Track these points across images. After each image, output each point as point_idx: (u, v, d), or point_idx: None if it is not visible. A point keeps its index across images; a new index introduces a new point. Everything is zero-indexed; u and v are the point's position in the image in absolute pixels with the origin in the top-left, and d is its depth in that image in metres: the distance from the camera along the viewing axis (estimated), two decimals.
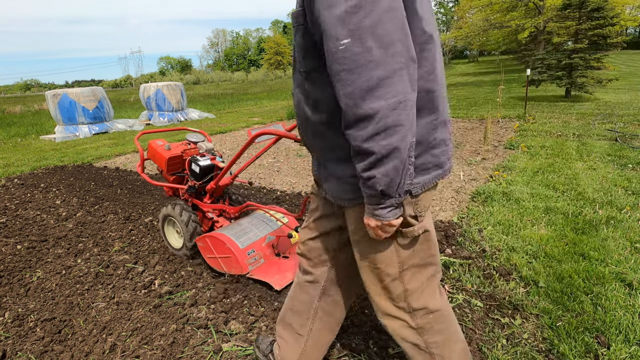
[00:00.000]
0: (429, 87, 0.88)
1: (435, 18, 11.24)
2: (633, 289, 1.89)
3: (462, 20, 27.48)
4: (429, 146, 0.92)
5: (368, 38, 0.72)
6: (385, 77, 0.74)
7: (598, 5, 9.45)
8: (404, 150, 0.78)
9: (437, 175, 0.96)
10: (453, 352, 1.14)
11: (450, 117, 1.01)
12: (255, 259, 2.13)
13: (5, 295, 2.17)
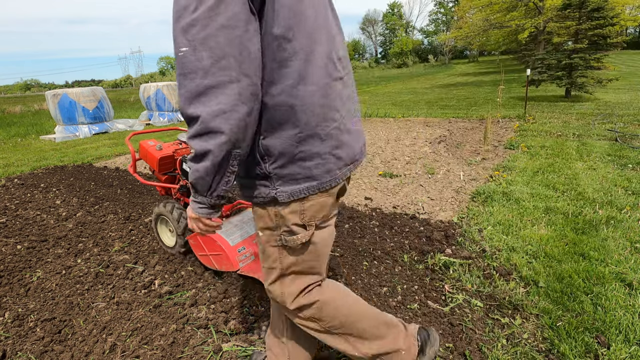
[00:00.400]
0: (291, 102, 0.94)
1: (435, 18, 11.07)
2: (633, 289, 1.89)
3: (462, 20, 27.48)
4: (296, 158, 0.98)
5: (201, 49, 0.81)
6: (211, 86, 0.82)
7: (598, 5, 9.45)
8: (218, 155, 0.86)
9: (311, 187, 1.00)
10: (365, 329, 1.19)
11: (346, 130, 1.05)
12: (245, 256, 2.16)
13: (5, 295, 2.17)
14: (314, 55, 0.95)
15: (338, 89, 1.02)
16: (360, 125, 1.16)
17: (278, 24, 0.89)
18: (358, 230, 2.78)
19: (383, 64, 62.64)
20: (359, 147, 1.13)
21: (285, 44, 0.91)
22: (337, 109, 1.02)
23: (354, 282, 2.11)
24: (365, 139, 1.20)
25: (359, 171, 4.44)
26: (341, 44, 1.08)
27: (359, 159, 1.13)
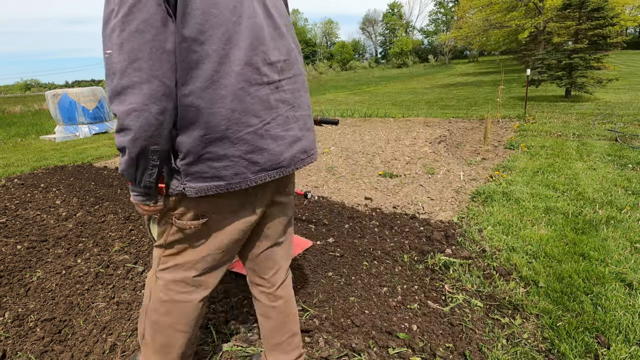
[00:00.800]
0: (198, 104, 0.97)
1: (435, 18, 11.09)
2: (633, 289, 1.89)
3: (462, 20, 27.47)
4: (203, 158, 1.01)
5: (120, 51, 0.88)
6: (127, 86, 0.89)
7: (598, 5, 9.45)
8: (132, 151, 0.93)
9: (219, 187, 1.04)
10: (158, 339, 1.26)
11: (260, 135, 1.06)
12: None
13: (5, 295, 2.17)
14: (229, 59, 0.98)
15: (261, 94, 1.04)
16: (304, 132, 1.18)
17: (189, 27, 0.93)
18: (358, 230, 2.78)
19: (383, 64, 62.64)
20: (291, 154, 1.14)
21: (195, 46, 0.94)
22: (256, 114, 1.04)
23: (354, 282, 2.11)
24: (309, 145, 1.21)
25: (359, 171, 4.44)
26: (283, 48, 1.10)
27: (288, 166, 1.14)
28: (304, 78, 1.23)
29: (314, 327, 1.74)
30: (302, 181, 4.20)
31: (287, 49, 1.13)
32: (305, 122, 1.20)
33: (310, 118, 1.24)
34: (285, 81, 1.11)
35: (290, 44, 1.15)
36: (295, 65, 1.16)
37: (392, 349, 1.60)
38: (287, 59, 1.12)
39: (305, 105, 1.21)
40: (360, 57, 76.51)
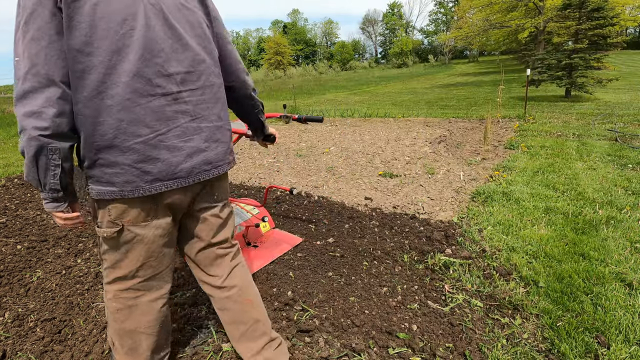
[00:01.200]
0: (86, 112, 1.02)
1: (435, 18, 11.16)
2: (633, 289, 1.89)
3: (462, 20, 27.48)
4: (97, 163, 1.08)
5: (23, 58, 0.96)
6: (27, 90, 0.95)
7: (598, 5, 9.45)
8: (29, 150, 0.98)
9: (113, 192, 1.09)
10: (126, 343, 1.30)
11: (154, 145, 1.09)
12: None
13: (5, 295, 2.17)
14: (117, 71, 1.01)
15: (154, 106, 1.07)
16: (210, 143, 1.20)
17: (75, 38, 0.97)
18: (358, 230, 2.78)
19: (383, 64, 62.64)
20: (191, 165, 1.16)
21: (81, 57, 0.99)
22: (147, 124, 1.07)
23: (354, 282, 2.11)
24: (215, 157, 1.23)
25: (359, 171, 4.44)
26: (185, 60, 1.13)
27: (187, 176, 1.16)
28: (216, 89, 1.24)
29: (314, 327, 1.74)
30: (302, 181, 4.20)
31: (192, 61, 1.15)
32: (213, 134, 1.21)
33: (220, 130, 1.24)
34: (187, 93, 1.14)
35: (199, 55, 1.17)
36: (203, 77, 1.18)
37: (392, 349, 1.60)
38: (190, 70, 1.14)
39: (213, 117, 1.22)
40: (360, 57, 76.52)
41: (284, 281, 2.13)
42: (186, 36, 1.14)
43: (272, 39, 61.95)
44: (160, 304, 1.31)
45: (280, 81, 37.66)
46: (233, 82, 1.37)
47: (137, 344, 1.31)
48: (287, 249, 2.45)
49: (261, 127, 1.62)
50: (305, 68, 54.46)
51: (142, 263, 1.23)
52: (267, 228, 2.54)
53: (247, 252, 2.38)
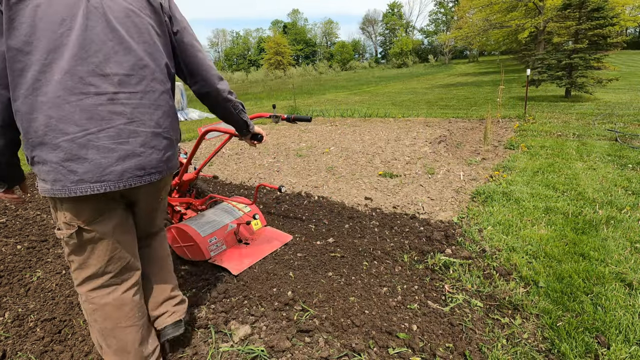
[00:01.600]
0: (22, 109, 1.07)
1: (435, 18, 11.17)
2: (633, 289, 1.89)
3: (462, 20, 27.47)
4: (34, 161, 1.12)
5: None
6: None
7: (598, 5, 9.45)
8: None
9: (47, 190, 1.12)
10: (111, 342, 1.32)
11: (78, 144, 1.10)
12: (217, 246, 2.32)
13: (5, 295, 2.17)
14: (51, 69, 1.04)
15: (86, 104, 1.08)
16: (146, 149, 1.19)
17: (15, 38, 1.02)
18: (358, 230, 2.78)
19: (383, 64, 62.64)
20: (122, 169, 1.14)
21: (20, 56, 1.03)
22: (76, 122, 1.07)
23: (354, 282, 2.11)
24: (150, 163, 1.21)
25: (359, 171, 4.44)
26: (126, 63, 1.15)
27: (117, 180, 1.14)
28: (158, 96, 1.24)
29: (314, 327, 1.74)
30: (302, 181, 4.20)
31: (134, 65, 1.16)
32: (150, 140, 1.20)
33: (157, 137, 1.23)
34: (124, 95, 1.14)
35: (142, 60, 1.18)
36: (144, 82, 1.19)
37: (392, 349, 1.60)
38: (130, 73, 1.15)
39: (152, 123, 1.21)
40: (360, 57, 76.52)
41: (284, 281, 2.13)
42: (130, 40, 1.16)
43: (272, 39, 61.95)
44: (133, 292, 1.34)
45: (280, 81, 37.67)
46: (207, 88, 1.43)
47: (123, 343, 1.32)
48: (277, 247, 2.49)
49: (245, 127, 1.67)
50: (305, 68, 54.45)
51: (110, 257, 1.26)
52: (258, 226, 2.63)
53: (239, 249, 2.43)
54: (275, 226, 2.94)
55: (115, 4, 1.15)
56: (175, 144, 1.36)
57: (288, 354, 1.59)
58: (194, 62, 1.37)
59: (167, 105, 1.29)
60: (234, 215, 2.51)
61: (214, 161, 5.52)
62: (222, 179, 4.51)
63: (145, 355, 1.38)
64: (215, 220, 2.42)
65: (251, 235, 2.57)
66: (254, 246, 2.47)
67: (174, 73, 1.36)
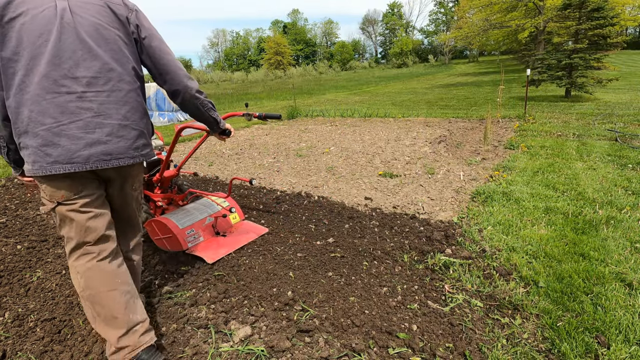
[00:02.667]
0: (12, 105, 1.33)
1: (435, 18, 11.26)
2: (633, 289, 1.89)
3: (462, 20, 27.47)
4: (21, 146, 1.38)
5: None
6: None
7: (598, 5, 9.45)
8: None
9: (29, 170, 1.37)
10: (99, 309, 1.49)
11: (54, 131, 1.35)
12: (194, 237, 2.47)
13: (5, 295, 2.17)
14: (32, 73, 1.31)
15: (59, 101, 1.34)
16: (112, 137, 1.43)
17: (7, 50, 1.30)
18: (358, 230, 2.78)
19: (383, 64, 62.63)
20: (88, 153, 1.39)
21: (12, 63, 1.31)
22: (51, 115, 1.33)
23: (354, 282, 2.11)
24: (116, 150, 1.44)
25: (359, 171, 4.44)
26: (93, 67, 1.39)
27: (84, 162, 1.38)
28: (125, 94, 1.47)
29: (314, 327, 1.74)
30: (302, 181, 4.20)
31: (100, 69, 1.41)
32: (117, 131, 1.44)
33: (125, 128, 1.47)
34: (92, 93, 1.39)
35: (108, 64, 1.43)
36: (111, 82, 1.43)
37: (392, 349, 1.60)
38: (97, 76, 1.40)
39: (119, 116, 1.45)
40: (360, 57, 76.49)
41: (284, 281, 2.13)
42: (98, 49, 1.40)
43: (272, 39, 61.93)
44: (109, 260, 1.54)
45: (280, 81, 37.66)
46: (176, 87, 1.61)
47: (109, 308, 1.48)
48: (252, 238, 2.65)
49: (215, 124, 1.84)
50: (305, 68, 54.43)
51: (86, 228, 1.48)
52: (236, 220, 2.77)
53: (216, 240, 2.56)
54: (275, 226, 2.94)
55: (84, 20, 1.39)
56: (146, 135, 1.58)
57: (288, 354, 1.59)
58: (162, 63, 1.57)
59: (135, 101, 1.52)
60: (212, 209, 2.66)
61: (214, 161, 5.53)
62: (222, 179, 4.51)
63: (133, 321, 1.51)
64: (194, 214, 2.57)
65: (229, 228, 2.70)
66: (230, 238, 2.61)
67: (142, 75, 1.59)
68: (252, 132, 8.10)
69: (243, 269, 2.29)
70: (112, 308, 1.48)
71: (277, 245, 2.61)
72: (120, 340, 1.47)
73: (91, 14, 1.41)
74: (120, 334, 1.47)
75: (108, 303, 1.48)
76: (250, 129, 8.70)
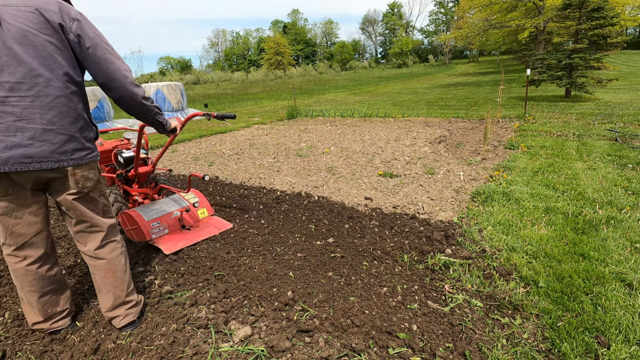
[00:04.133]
0: None
1: (435, 18, 11.28)
2: (633, 289, 1.89)
3: (462, 20, 27.47)
4: None
5: None
6: None
7: (598, 5, 9.45)
8: None
9: None
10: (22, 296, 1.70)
11: None
12: (159, 230, 2.65)
13: (5, 295, 2.17)
14: None
15: None
16: (34, 141, 1.46)
17: None
18: (358, 230, 2.78)
19: (383, 64, 62.63)
20: (7, 156, 1.42)
21: None
22: None
23: (354, 282, 2.11)
24: (38, 153, 1.47)
25: (359, 171, 4.44)
26: (17, 73, 1.42)
27: (1, 164, 1.42)
28: (52, 99, 1.49)
29: (314, 327, 1.74)
30: (302, 181, 4.20)
31: (25, 74, 1.43)
32: (40, 135, 1.47)
33: (50, 133, 1.49)
34: (15, 98, 1.42)
35: (35, 70, 1.45)
36: (36, 88, 1.45)
37: (392, 349, 1.60)
38: (21, 81, 1.43)
39: (43, 121, 1.47)
40: (360, 57, 76.50)
41: (284, 281, 2.13)
42: (24, 55, 1.42)
43: (272, 39, 61.91)
44: (37, 267, 1.64)
45: (280, 81, 37.64)
46: (121, 94, 1.67)
47: (30, 299, 1.69)
48: (214, 233, 2.81)
49: (161, 127, 1.96)
50: (305, 68, 54.42)
51: (10, 232, 1.56)
52: (205, 214, 2.97)
53: (179, 233, 2.74)
54: (275, 226, 2.94)
55: (12, 26, 1.41)
56: (80, 140, 1.59)
57: (288, 354, 1.59)
58: (107, 72, 1.61)
59: (66, 107, 1.53)
60: (180, 204, 2.86)
61: (214, 161, 5.53)
62: (222, 179, 4.51)
63: (49, 313, 1.72)
64: (162, 208, 2.75)
65: (195, 222, 2.89)
66: (193, 232, 2.78)
67: (80, 80, 1.62)
68: (252, 132, 8.10)
69: (243, 269, 2.29)
70: (33, 303, 1.69)
71: (277, 245, 2.61)
72: (35, 325, 1.74)
73: (20, 21, 1.43)
74: (36, 320, 1.72)
75: (30, 299, 1.68)
76: (251, 129, 8.70)
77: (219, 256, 2.47)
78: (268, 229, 2.90)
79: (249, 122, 9.87)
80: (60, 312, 1.76)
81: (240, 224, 3.03)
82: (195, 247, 2.62)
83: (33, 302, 1.69)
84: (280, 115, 10.58)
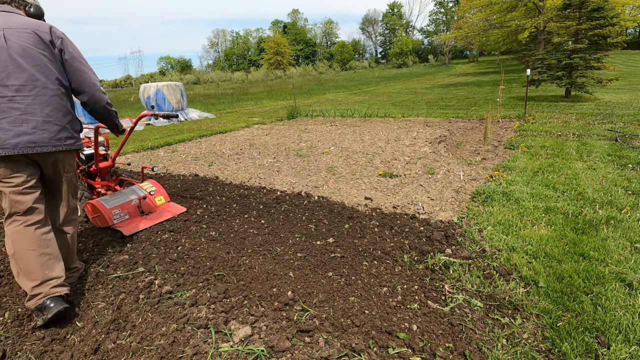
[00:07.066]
0: None
1: (435, 18, 11.30)
2: (633, 289, 1.89)
3: (462, 20, 27.47)
4: None
5: None
6: None
7: (598, 5, 9.45)
8: None
9: None
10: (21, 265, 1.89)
11: None
12: (120, 216, 3.00)
13: (5, 295, 2.17)
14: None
15: None
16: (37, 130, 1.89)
17: None
18: (358, 230, 2.78)
19: (383, 64, 62.64)
20: (16, 142, 1.83)
21: None
22: None
23: (354, 282, 2.11)
24: (40, 139, 1.89)
25: (359, 171, 4.44)
26: (21, 77, 1.86)
27: (12, 148, 1.81)
28: (48, 98, 1.93)
29: (314, 327, 1.74)
30: (302, 181, 4.20)
31: (27, 79, 1.87)
32: (40, 125, 1.90)
33: (48, 124, 1.93)
34: (20, 97, 1.86)
35: (34, 76, 1.89)
36: (36, 89, 1.89)
37: (392, 349, 1.60)
38: (24, 84, 1.86)
39: (43, 115, 1.91)
40: (360, 57, 76.48)
41: (284, 281, 2.13)
42: (25, 64, 1.87)
43: (272, 39, 61.90)
44: (35, 228, 1.91)
45: (280, 81, 37.62)
46: (89, 99, 2.13)
47: (28, 264, 1.86)
48: (169, 217, 3.18)
49: (116, 127, 2.43)
50: (305, 68, 54.41)
51: (16, 201, 1.89)
52: (162, 201, 3.36)
53: (139, 218, 3.09)
54: (275, 226, 2.94)
55: (15, 43, 1.86)
56: (69, 130, 2.03)
57: (288, 354, 1.59)
58: (80, 80, 2.08)
59: (58, 104, 1.98)
60: (138, 193, 3.21)
61: (214, 161, 5.52)
62: (222, 179, 4.51)
63: (48, 276, 1.87)
64: (122, 197, 3.10)
65: (153, 208, 3.26)
66: (151, 217, 3.14)
67: (67, 85, 2.05)
68: (252, 132, 8.10)
69: (243, 269, 2.29)
70: (31, 264, 1.86)
71: (277, 245, 2.61)
72: (34, 289, 1.84)
73: (21, 40, 1.88)
74: (35, 284, 1.84)
75: (28, 259, 1.86)
76: (250, 129, 8.70)
77: (219, 256, 2.47)
78: (268, 229, 2.90)
79: (249, 122, 9.87)
80: (57, 277, 1.91)
81: (240, 224, 3.03)
82: (195, 247, 2.62)
83: (32, 262, 1.86)
84: (280, 115, 10.57)
